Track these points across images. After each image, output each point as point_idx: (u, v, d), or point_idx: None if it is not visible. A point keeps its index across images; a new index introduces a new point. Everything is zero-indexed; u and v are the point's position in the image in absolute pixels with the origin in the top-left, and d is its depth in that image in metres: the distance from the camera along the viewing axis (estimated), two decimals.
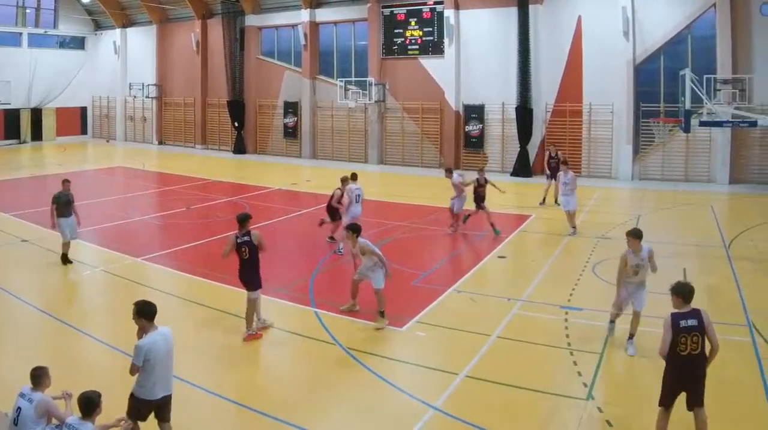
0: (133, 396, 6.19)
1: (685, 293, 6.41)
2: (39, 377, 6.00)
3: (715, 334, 6.32)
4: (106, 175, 28.81)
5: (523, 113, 27.32)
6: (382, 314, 10.24)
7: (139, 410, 6.18)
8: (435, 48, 30.20)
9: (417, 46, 30.75)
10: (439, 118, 30.31)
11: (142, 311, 6.22)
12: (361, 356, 9.03)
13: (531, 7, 27.02)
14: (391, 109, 31.82)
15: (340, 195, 14.86)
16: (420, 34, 30.61)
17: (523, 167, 27.47)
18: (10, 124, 41.09)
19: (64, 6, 43.41)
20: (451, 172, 17.47)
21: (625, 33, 25.27)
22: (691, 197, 21.97)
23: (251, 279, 9.80)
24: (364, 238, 10.53)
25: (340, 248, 14.68)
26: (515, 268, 14.00)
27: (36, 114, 42.60)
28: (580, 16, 26.51)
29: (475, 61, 29.08)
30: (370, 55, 31.89)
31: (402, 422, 7.33)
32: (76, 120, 46.06)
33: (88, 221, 15.35)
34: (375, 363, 8.82)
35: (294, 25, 34.70)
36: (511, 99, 27.69)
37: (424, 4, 30.35)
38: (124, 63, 43.64)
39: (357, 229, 10.51)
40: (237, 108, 36.73)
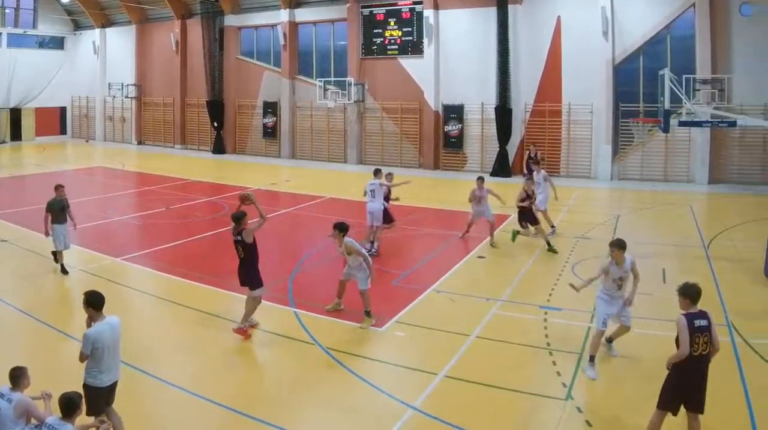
0: (85, 386, 6.30)
1: (694, 294, 6.45)
2: (18, 377, 5.99)
3: (717, 335, 6.38)
4: (85, 175, 28.44)
5: (503, 113, 27.40)
6: (368, 313, 10.20)
7: (96, 400, 6.28)
8: (414, 48, 30.18)
9: (396, 46, 30.72)
10: (418, 118, 30.30)
11: (90, 301, 6.45)
12: (340, 356, 8.97)
13: (510, 7, 27.07)
14: (371, 109, 31.76)
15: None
16: (399, 34, 30.58)
17: (502, 167, 27.54)
18: None
19: (44, 6, 42.93)
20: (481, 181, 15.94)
21: (605, 33, 25.43)
22: (670, 197, 22.13)
23: (251, 279, 9.74)
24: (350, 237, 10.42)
25: (374, 248, 14.37)
26: (494, 268, 13.99)
27: (15, 114, 42.15)
28: (559, 16, 26.62)
29: (454, 61, 29.11)
30: (349, 55, 31.81)
31: (381, 422, 7.30)
32: (56, 120, 45.66)
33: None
34: (354, 363, 8.77)
35: (273, 25, 34.56)
36: (491, 99, 27.75)
37: (404, 4, 30.32)
38: (103, 63, 43.24)
39: (344, 228, 10.32)
40: (216, 108, 36.50)
